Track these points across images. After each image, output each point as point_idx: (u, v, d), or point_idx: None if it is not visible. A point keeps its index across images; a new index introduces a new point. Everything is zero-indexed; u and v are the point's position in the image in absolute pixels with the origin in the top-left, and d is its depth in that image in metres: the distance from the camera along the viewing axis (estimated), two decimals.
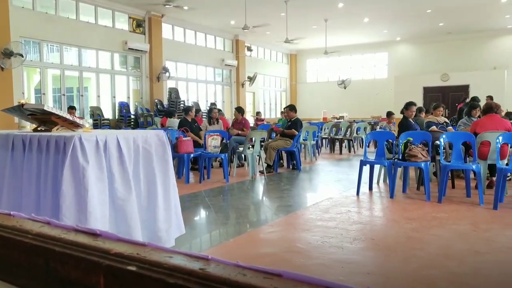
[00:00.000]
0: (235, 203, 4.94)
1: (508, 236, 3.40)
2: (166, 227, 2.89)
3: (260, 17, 14.12)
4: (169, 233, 2.92)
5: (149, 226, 2.83)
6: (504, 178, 4.57)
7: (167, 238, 2.89)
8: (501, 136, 4.64)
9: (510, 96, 15.38)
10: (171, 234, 2.94)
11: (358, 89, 19.64)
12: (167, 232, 2.90)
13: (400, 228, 3.69)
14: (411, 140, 5.19)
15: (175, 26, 15.04)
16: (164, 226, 2.87)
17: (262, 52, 20.10)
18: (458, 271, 2.65)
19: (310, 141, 9.27)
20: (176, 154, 6.24)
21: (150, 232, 2.83)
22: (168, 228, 2.92)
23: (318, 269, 2.71)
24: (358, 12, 13.97)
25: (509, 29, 16.64)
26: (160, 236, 2.83)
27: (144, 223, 2.80)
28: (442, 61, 18.19)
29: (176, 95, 14.52)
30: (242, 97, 18.17)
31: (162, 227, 2.85)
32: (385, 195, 5.23)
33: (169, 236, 2.91)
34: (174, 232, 3.01)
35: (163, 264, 0.48)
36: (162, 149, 2.94)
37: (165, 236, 2.87)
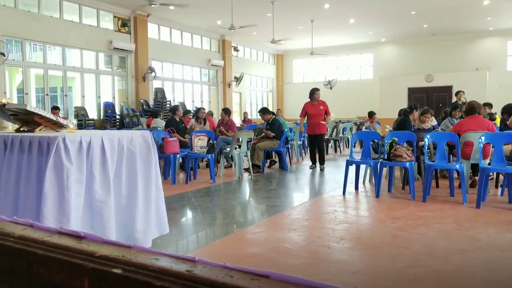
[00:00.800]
0: (222, 203, 4.92)
1: (491, 234, 3.46)
2: (143, 228, 2.86)
3: (246, 17, 14.12)
4: (146, 234, 2.89)
5: (127, 226, 2.81)
6: (487, 177, 4.66)
7: (144, 239, 2.86)
8: (483, 136, 4.73)
9: (492, 96, 15.66)
10: (148, 235, 2.92)
11: (344, 90, 19.78)
12: (144, 233, 2.87)
13: (385, 227, 3.73)
14: (396, 140, 5.25)
15: (161, 25, 14.93)
16: (141, 227, 2.84)
17: (249, 52, 20.10)
18: (443, 269, 2.69)
19: (297, 141, 9.30)
20: (163, 155, 6.20)
21: (127, 232, 2.80)
22: (146, 229, 2.89)
23: (305, 269, 2.72)
24: (344, 13, 14.08)
25: (490, 31, 16.96)
26: (136, 237, 2.80)
27: (122, 223, 2.77)
28: (426, 62, 18.45)
29: (162, 96, 14.42)
30: (228, 97, 18.14)
31: (139, 228, 2.82)
32: (371, 195, 5.27)
33: (146, 237, 2.88)
34: (153, 233, 2.98)
35: (149, 266, 0.47)
36: (147, 150, 2.91)
37: (142, 237, 2.84)
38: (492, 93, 16.31)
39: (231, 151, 6.81)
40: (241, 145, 6.91)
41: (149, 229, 2.91)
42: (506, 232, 3.51)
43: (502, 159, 4.67)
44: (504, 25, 15.86)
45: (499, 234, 3.45)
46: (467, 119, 5.38)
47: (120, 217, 2.77)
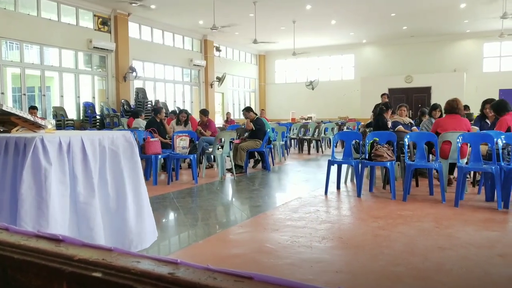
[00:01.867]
0: (204, 204, 4.90)
1: (468, 232, 3.54)
2: (138, 230, 2.82)
3: (228, 18, 14.10)
4: (142, 235, 2.85)
5: (119, 230, 2.76)
6: (464, 176, 4.76)
7: (140, 241, 2.82)
8: (461, 136, 4.83)
9: (469, 97, 16.05)
10: (144, 236, 2.88)
11: (325, 90, 19.96)
12: (140, 235, 2.83)
13: (367, 227, 3.77)
14: (377, 140, 5.31)
15: (142, 25, 14.78)
16: (135, 228, 2.80)
17: (231, 52, 20.08)
18: (422, 266, 2.73)
19: (279, 142, 9.33)
20: (144, 155, 6.13)
21: (120, 235, 2.75)
22: (141, 231, 2.85)
23: (288, 268, 2.73)
24: (326, 14, 14.20)
25: (467, 34, 17.37)
26: (131, 239, 2.76)
27: (113, 227, 2.72)
28: (406, 63, 18.78)
29: (143, 95, 14.27)
30: (210, 97, 18.08)
31: (134, 229, 2.78)
32: (353, 194, 5.33)
33: (142, 239, 2.85)
34: (148, 235, 2.95)
35: (131, 269, 0.46)
36: (130, 150, 2.87)
37: (137, 238, 2.80)
38: (469, 94, 16.71)
39: (213, 151, 6.78)
40: (224, 146, 6.89)
41: (144, 230, 2.87)
42: (482, 230, 3.59)
43: (479, 159, 4.78)
44: (480, 27, 16.27)
45: (476, 232, 3.53)
46: (446, 117, 5.48)
47: (111, 220, 2.72)
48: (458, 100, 5.47)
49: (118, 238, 2.73)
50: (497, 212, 4.21)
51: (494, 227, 3.71)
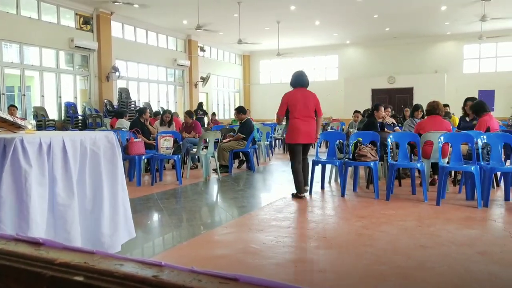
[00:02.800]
0: (189, 205, 4.87)
1: (449, 230, 3.60)
2: (110, 232, 2.78)
3: (213, 18, 14.06)
4: (114, 238, 2.81)
5: (93, 231, 2.72)
6: (446, 175, 4.85)
7: (111, 244, 2.78)
8: (442, 136, 4.92)
9: (450, 98, 16.36)
10: (116, 239, 2.84)
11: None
12: (112, 238, 2.79)
13: (351, 226, 3.80)
14: (360, 140, 5.37)
15: (125, 24, 14.61)
16: (108, 231, 2.76)
17: (215, 52, 20.02)
18: (405, 265, 2.77)
19: (264, 142, 9.34)
20: (127, 156, 6.06)
21: (93, 237, 2.71)
22: (113, 233, 2.81)
23: (273, 269, 2.73)
24: (310, 15, 14.28)
25: (448, 35, 17.69)
26: (103, 242, 2.72)
27: (87, 228, 2.68)
28: (388, 64, 19.02)
29: (126, 96, 14.11)
30: (195, 97, 17.99)
31: (106, 232, 2.74)
32: (337, 194, 5.37)
33: (113, 242, 2.80)
34: (121, 237, 2.90)
35: (114, 272, 0.46)
36: (111, 151, 2.83)
37: (109, 241, 2.76)
38: (450, 94, 17.02)
39: (198, 152, 6.75)
40: (208, 146, 6.86)
41: (117, 232, 2.83)
42: (463, 228, 3.66)
43: (460, 158, 4.87)
44: (460, 30, 16.59)
45: (457, 230, 3.60)
46: (427, 118, 5.58)
47: (86, 222, 2.68)
48: (438, 102, 5.59)
49: (91, 240, 2.69)
50: (477, 211, 4.30)
51: (474, 225, 3.79)
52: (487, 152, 4.98)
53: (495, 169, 4.69)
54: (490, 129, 5.43)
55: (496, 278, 2.53)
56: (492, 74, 17.54)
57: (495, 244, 3.21)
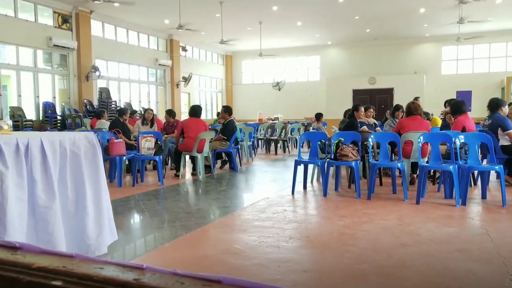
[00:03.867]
0: (171, 206, 4.83)
1: (429, 228, 3.67)
2: (96, 234, 2.73)
3: (195, 17, 13.98)
4: (100, 240, 2.77)
5: (77, 234, 2.67)
6: (425, 175, 4.93)
7: (97, 245, 2.73)
8: (422, 136, 5.01)
9: (429, 98, 16.68)
10: (102, 240, 2.79)
11: (292, 91, 20.16)
12: (97, 239, 2.74)
13: (333, 225, 3.83)
14: (342, 140, 5.42)
15: (105, 23, 14.40)
16: (94, 233, 2.71)
17: (197, 52, 19.92)
18: (387, 263, 2.81)
19: (247, 142, 9.34)
20: (108, 157, 5.97)
21: (78, 240, 2.66)
22: (99, 235, 2.77)
23: (256, 269, 2.73)
24: (292, 16, 14.35)
25: (427, 37, 18.03)
26: (89, 244, 2.67)
27: (71, 230, 2.63)
28: (369, 65, 19.27)
29: (107, 95, 13.90)
30: (177, 97, 17.86)
31: (92, 234, 2.70)
32: (319, 194, 5.41)
33: (99, 243, 2.76)
34: (106, 239, 2.86)
35: (93, 276, 0.45)
36: (92, 152, 2.79)
37: (95, 243, 2.72)
38: (429, 95, 17.36)
39: (193, 152, 6.70)
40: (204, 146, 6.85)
41: (102, 234, 2.78)
42: (443, 226, 3.73)
43: (439, 158, 4.97)
44: (438, 31, 16.93)
45: (436, 228, 3.66)
46: (408, 118, 5.69)
47: (69, 224, 2.62)
48: (417, 103, 5.72)
49: (76, 242, 2.64)
50: (456, 209, 4.39)
51: (452, 223, 3.86)
52: (464, 152, 5.09)
53: (473, 168, 4.80)
54: (466, 129, 5.57)
55: (474, 275, 2.59)
56: (469, 75, 17.96)
57: (472, 241, 3.28)
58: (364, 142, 5.61)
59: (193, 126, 6.87)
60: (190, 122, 6.97)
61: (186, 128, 6.87)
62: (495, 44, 17.51)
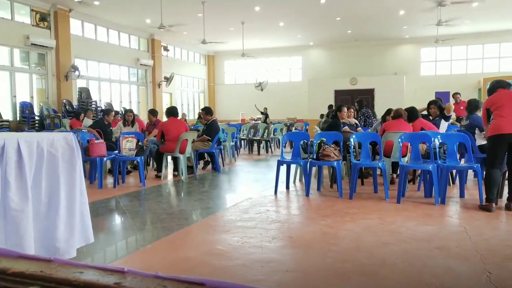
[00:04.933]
0: (153, 207, 4.77)
1: (409, 227, 3.73)
2: (66, 237, 2.67)
3: (176, 17, 13.88)
4: (70, 243, 2.70)
5: (47, 236, 2.61)
6: (406, 174, 5.01)
7: (67, 249, 2.67)
8: (402, 136, 5.09)
9: (408, 99, 16.97)
10: (72, 244, 2.73)
11: (274, 91, 20.21)
12: (67, 242, 2.68)
13: (316, 225, 3.86)
14: (324, 140, 5.46)
15: (85, 22, 14.15)
16: (64, 236, 2.65)
17: (179, 52, 19.78)
18: (368, 262, 2.84)
19: (229, 142, 9.32)
20: (88, 158, 5.87)
21: (47, 242, 2.60)
22: (69, 238, 2.70)
23: (239, 270, 2.72)
24: (274, 16, 14.38)
25: (406, 39, 18.33)
26: (58, 247, 2.61)
27: (41, 233, 2.57)
28: (351, 66, 19.47)
29: (87, 95, 13.67)
30: (158, 97, 17.69)
31: (62, 237, 2.64)
32: (301, 193, 5.43)
33: (69, 247, 2.70)
34: (77, 242, 2.80)
35: (72, 281, 0.43)
36: (70, 153, 2.73)
37: (64, 246, 2.65)
38: (408, 96, 17.66)
39: (175, 153, 6.63)
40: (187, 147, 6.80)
41: (72, 237, 2.73)
42: (422, 225, 3.80)
43: (419, 157, 5.05)
44: (417, 33, 17.24)
45: (416, 227, 3.73)
46: (394, 121, 5.84)
47: (40, 226, 2.56)
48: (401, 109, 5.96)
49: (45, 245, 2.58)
50: (435, 208, 4.47)
51: (432, 221, 3.94)
52: (443, 151, 5.19)
53: (451, 168, 4.90)
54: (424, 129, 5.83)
55: (452, 272, 2.64)
56: (447, 76, 18.34)
57: (451, 239, 3.35)
58: (346, 142, 5.66)
59: (173, 128, 6.82)
60: (170, 124, 6.92)
61: (166, 130, 6.82)
62: (472, 46, 17.93)
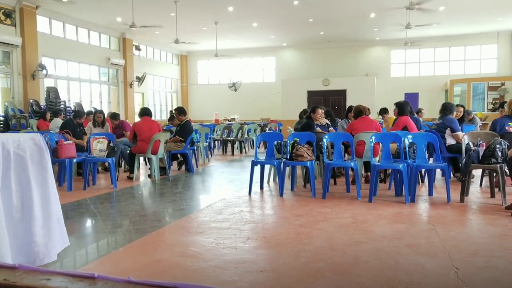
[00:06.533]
0: (125, 209, 4.68)
1: (381, 225, 3.80)
2: (45, 241, 2.59)
3: (148, 16, 13.68)
4: (49, 247, 2.62)
5: (24, 241, 2.52)
6: (377, 173, 5.11)
7: (47, 252, 2.59)
8: (373, 136, 5.19)
9: (379, 100, 17.35)
10: (52, 247, 2.65)
11: (248, 92, 20.24)
12: (47, 246, 2.60)
13: (289, 225, 3.88)
14: (297, 140, 5.50)
15: (52, 19, 13.75)
16: (42, 239, 2.57)
17: (152, 52, 19.51)
18: (341, 260, 2.88)
19: (203, 143, 9.26)
20: (57, 160, 5.70)
21: (25, 248, 2.51)
22: (48, 241, 2.62)
23: (213, 271, 2.70)
24: (247, 17, 14.40)
25: (377, 41, 18.74)
26: (37, 251, 2.53)
27: (17, 238, 2.48)
28: (323, 67, 19.72)
29: (55, 95, 13.27)
30: (130, 97, 17.39)
31: (40, 240, 2.55)
32: (275, 194, 5.46)
33: (49, 250, 2.62)
34: (57, 245, 2.72)
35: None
36: (39, 155, 2.64)
37: (44, 250, 2.58)
38: (379, 96, 18.05)
39: (147, 154, 6.52)
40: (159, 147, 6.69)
41: (52, 241, 2.64)
42: (393, 223, 3.88)
43: (390, 157, 5.17)
44: (388, 36, 17.65)
45: (387, 225, 3.81)
46: (357, 120, 5.90)
47: (15, 231, 2.46)
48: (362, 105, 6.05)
49: (23, 251, 2.49)
50: (405, 206, 4.58)
51: (402, 220, 4.03)
52: (413, 151, 5.32)
53: (420, 167, 5.03)
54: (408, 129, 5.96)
55: (422, 268, 2.71)
56: (416, 78, 18.86)
57: (421, 236, 3.44)
58: (319, 143, 5.73)
59: (145, 129, 6.73)
60: (143, 125, 6.81)
61: (139, 131, 6.72)
62: (439, 49, 18.50)
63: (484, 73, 17.84)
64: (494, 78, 17.41)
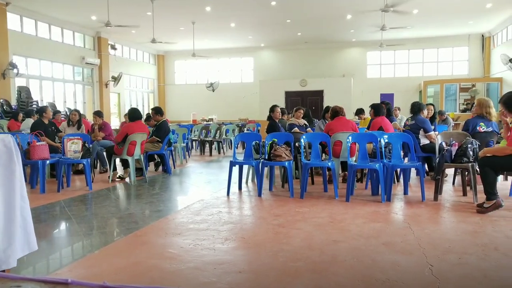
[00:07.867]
0: (100, 211, 4.59)
1: (358, 224, 3.85)
2: (4, 246, 2.49)
3: (124, 15, 13.46)
4: (9, 252, 2.52)
5: None
6: (354, 173, 5.18)
7: (5, 259, 2.49)
8: (350, 136, 5.26)
9: (355, 100, 17.60)
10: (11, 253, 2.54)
11: (226, 92, 20.18)
12: (5, 252, 2.50)
13: (268, 225, 3.88)
14: (275, 141, 5.52)
15: (24, 17, 13.36)
16: (1, 245, 2.47)
17: (128, 51, 19.21)
18: (319, 260, 2.90)
19: (180, 144, 9.18)
20: (29, 161, 5.54)
21: None
22: (8, 247, 2.52)
23: (191, 273, 2.68)
24: (225, 17, 14.35)
25: (353, 42, 19.01)
26: None
27: None
28: (301, 68, 19.87)
29: (27, 95, 12.90)
30: (106, 98, 17.07)
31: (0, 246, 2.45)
32: (254, 194, 5.46)
33: (8, 256, 2.51)
34: (19, 250, 2.61)
35: None
36: (7, 157, 2.55)
37: (3, 256, 2.47)
38: (355, 97, 18.31)
39: (123, 155, 6.39)
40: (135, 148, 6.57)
41: (12, 246, 2.54)
42: (370, 222, 3.94)
43: (366, 157, 5.25)
44: (364, 37, 17.93)
45: (364, 224, 3.86)
46: (334, 120, 5.98)
47: None
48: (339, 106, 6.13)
49: None
50: (381, 205, 4.66)
51: (379, 218, 4.09)
52: (389, 151, 5.42)
53: (396, 166, 5.13)
54: (384, 129, 6.07)
55: (398, 266, 2.76)
56: (391, 79, 19.22)
57: (397, 235, 3.50)
58: (296, 143, 5.76)
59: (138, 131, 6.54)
60: (135, 128, 6.59)
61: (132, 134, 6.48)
62: (413, 51, 18.91)
63: (456, 74, 18.35)
64: (465, 79, 17.92)
